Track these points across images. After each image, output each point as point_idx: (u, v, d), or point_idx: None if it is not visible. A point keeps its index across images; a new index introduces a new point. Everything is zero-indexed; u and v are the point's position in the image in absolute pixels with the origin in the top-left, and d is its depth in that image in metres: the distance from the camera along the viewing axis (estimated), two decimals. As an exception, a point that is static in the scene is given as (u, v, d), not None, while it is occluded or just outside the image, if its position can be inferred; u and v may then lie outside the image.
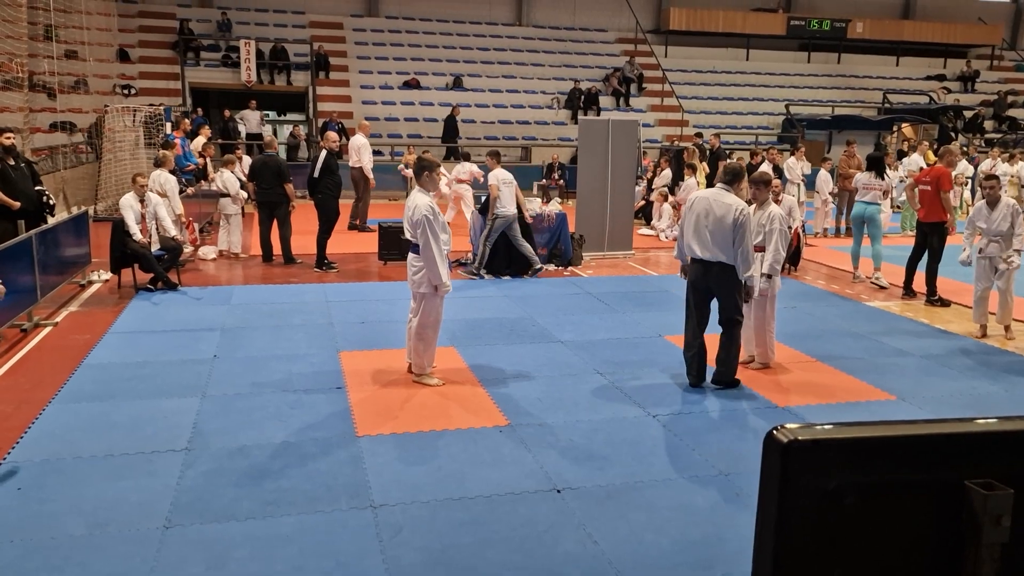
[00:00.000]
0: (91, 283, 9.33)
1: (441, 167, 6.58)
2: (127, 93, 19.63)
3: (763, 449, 1.07)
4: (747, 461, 4.71)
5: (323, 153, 10.53)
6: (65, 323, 7.68)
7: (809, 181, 14.38)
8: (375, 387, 5.97)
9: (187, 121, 15.42)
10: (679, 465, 4.74)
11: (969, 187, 16.86)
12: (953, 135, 23.71)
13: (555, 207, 11.46)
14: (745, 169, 6.76)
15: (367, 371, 6.30)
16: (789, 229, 6.87)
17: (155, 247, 9.04)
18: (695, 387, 6.04)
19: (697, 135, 18.01)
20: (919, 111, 24.77)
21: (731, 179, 5.98)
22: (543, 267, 10.31)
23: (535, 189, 18.00)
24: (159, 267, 8.89)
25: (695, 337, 6.04)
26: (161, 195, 9.54)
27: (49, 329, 7.44)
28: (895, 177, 14.15)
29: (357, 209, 14.00)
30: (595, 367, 6.52)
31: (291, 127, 21.44)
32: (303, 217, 11.32)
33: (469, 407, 5.59)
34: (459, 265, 10.37)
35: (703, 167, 14.95)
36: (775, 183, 7.86)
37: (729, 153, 16.70)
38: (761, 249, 6.38)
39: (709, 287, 5.94)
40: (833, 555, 1.08)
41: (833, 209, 14.43)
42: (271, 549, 3.70)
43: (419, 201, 5.85)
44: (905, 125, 23.22)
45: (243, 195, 11.19)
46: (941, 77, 28.19)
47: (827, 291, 9.78)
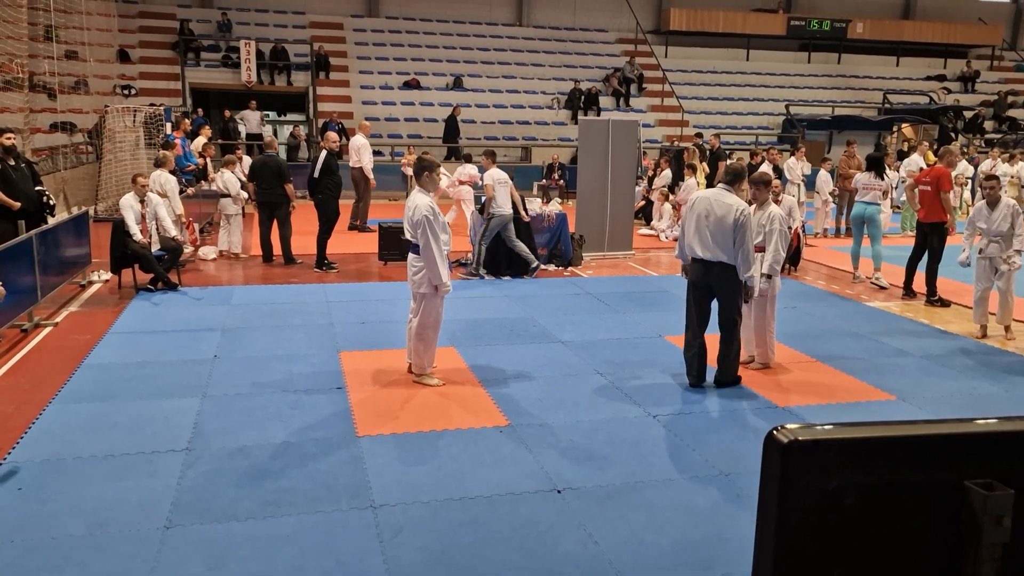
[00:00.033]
0: (91, 283, 9.34)
1: (441, 167, 6.58)
2: (127, 93, 19.63)
3: (763, 449, 1.07)
4: (747, 461, 4.72)
5: (323, 153, 10.53)
6: (65, 323, 7.69)
7: (809, 181, 14.38)
8: (375, 387, 5.97)
9: (187, 121, 15.42)
10: (679, 465, 4.75)
11: (969, 187, 16.86)
12: (953, 135, 23.71)
13: (555, 207, 11.45)
14: (746, 170, 6.76)
15: (367, 371, 6.30)
16: (789, 229, 6.87)
17: (155, 247, 9.05)
18: (695, 387, 6.05)
19: (697, 135, 18.01)
20: (919, 111, 24.78)
21: (732, 179, 5.99)
22: (540, 265, 10.30)
23: (535, 189, 17.99)
24: (159, 267, 8.89)
25: (695, 337, 6.05)
26: (161, 195, 9.55)
27: (49, 329, 7.44)
28: (895, 177, 14.14)
29: (357, 209, 14.01)
30: (595, 367, 6.52)
31: (291, 127, 21.44)
32: (303, 217, 11.33)
33: (469, 407, 5.59)
34: (459, 265, 10.37)
35: (703, 167, 14.96)
36: (775, 183, 7.86)
37: (729, 153, 16.69)
38: (761, 249, 6.39)
39: (710, 287, 5.95)
40: (833, 555, 1.08)
41: (833, 209, 14.43)
42: (271, 549, 3.71)
43: (419, 201, 5.85)
44: (905, 125, 23.22)
45: (244, 195, 11.20)
46: (941, 77, 28.20)
47: (827, 291, 9.78)
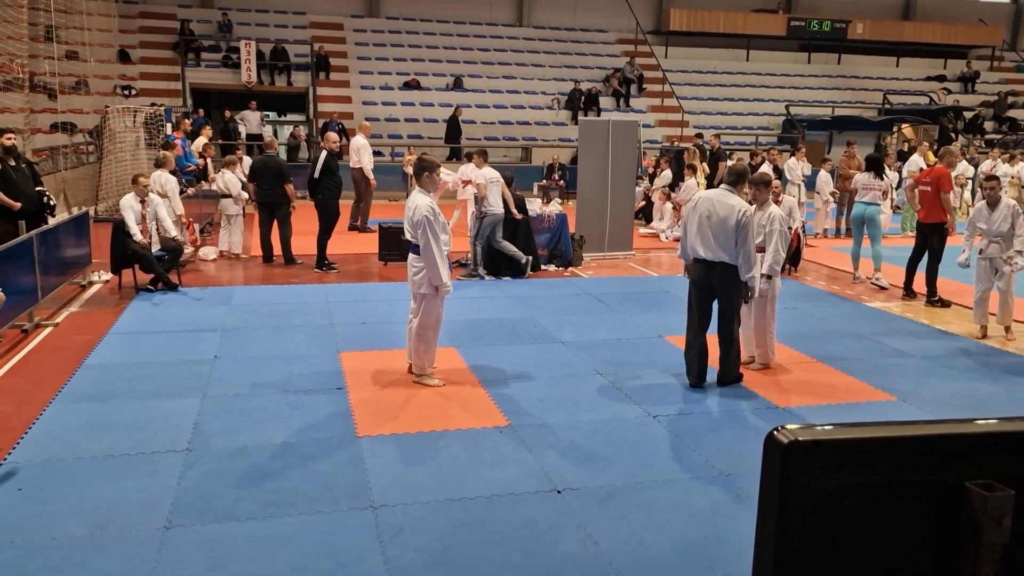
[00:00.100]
0: (92, 284, 9.33)
1: (442, 167, 6.58)
2: (128, 94, 19.64)
3: (764, 450, 1.07)
4: (748, 462, 4.71)
5: (323, 154, 10.54)
6: (66, 324, 7.69)
7: (809, 182, 14.38)
8: (375, 388, 5.97)
9: (187, 122, 15.43)
10: (680, 466, 4.75)
11: (969, 188, 16.86)
12: (953, 136, 23.71)
13: (555, 208, 11.45)
14: (749, 170, 6.75)
15: (367, 372, 6.30)
16: (789, 230, 6.87)
17: (155, 248, 9.05)
18: (696, 387, 6.05)
19: (697, 136, 18.00)
20: (919, 112, 24.78)
21: (735, 180, 5.99)
22: (530, 259, 10.21)
23: (535, 190, 17.99)
24: (159, 268, 8.89)
25: (696, 337, 6.05)
26: (162, 196, 9.55)
27: (50, 330, 7.44)
28: (895, 178, 14.14)
29: (357, 210, 14.01)
30: (596, 368, 6.52)
31: (291, 128, 21.44)
32: (303, 218, 11.33)
33: (470, 408, 5.59)
34: (459, 266, 10.37)
35: (703, 168, 14.96)
36: (775, 184, 7.87)
37: (729, 154, 16.69)
38: (761, 250, 6.39)
39: (712, 287, 5.95)
40: (833, 556, 1.08)
41: (833, 210, 14.42)
42: (272, 550, 3.71)
43: (419, 202, 5.85)
44: (905, 126, 23.22)
45: (244, 196, 11.20)
46: (941, 78, 28.20)
47: (827, 292, 9.78)
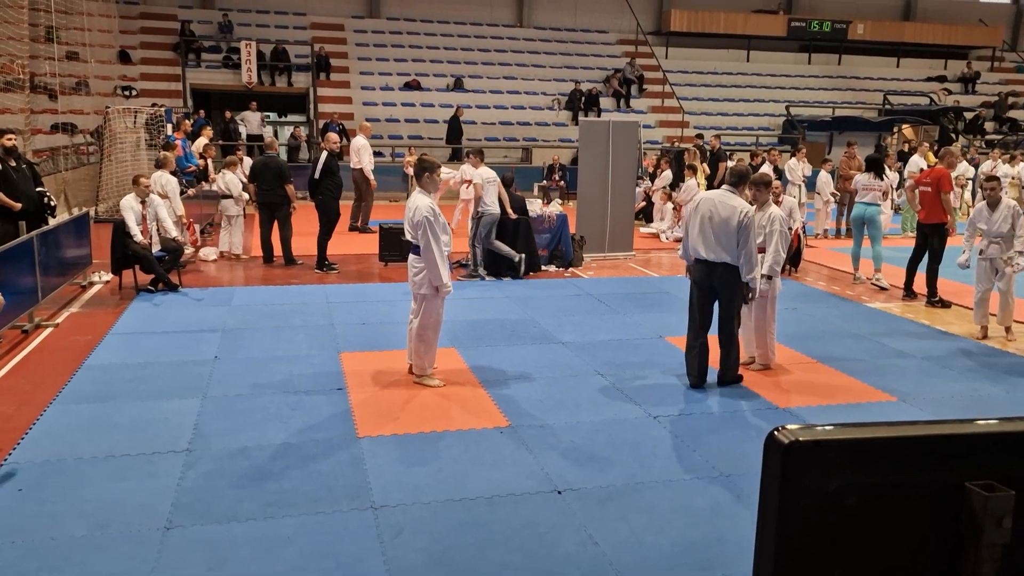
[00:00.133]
0: (92, 284, 9.33)
1: (442, 168, 6.59)
2: (128, 95, 19.65)
3: (764, 450, 1.07)
4: (748, 462, 4.71)
5: (324, 154, 10.54)
6: (66, 324, 7.69)
7: (810, 182, 14.38)
8: (376, 388, 5.97)
9: (188, 122, 15.43)
10: (680, 466, 4.75)
11: (970, 189, 16.86)
12: (954, 136, 23.70)
13: (556, 208, 11.45)
14: (751, 171, 6.75)
15: (368, 372, 6.30)
16: (789, 230, 6.87)
17: (156, 248, 9.05)
18: (696, 388, 6.05)
19: (698, 136, 18.00)
20: (920, 112, 24.78)
21: (737, 181, 5.99)
22: (523, 257, 10.18)
23: (536, 190, 17.99)
24: (160, 268, 8.89)
25: (697, 337, 6.06)
26: (162, 196, 9.55)
27: (50, 330, 7.44)
28: (895, 178, 14.13)
29: (358, 210, 14.01)
30: (596, 368, 6.52)
31: (292, 128, 21.46)
32: (304, 218, 11.33)
33: (470, 408, 5.59)
34: (459, 267, 10.37)
35: (703, 168, 14.95)
36: (775, 184, 7.86)
37: (730, 154, 16.69)
38: (761, 250, 6.39)
39: (713, 287, 5.96)
40: (834, 556, 1.08)
41: (833, 210, 14.42)
42: (272, 550, 3.71)
43: (420, 202, 5.85)
44: (906, 126, 23.21)
45: (245, 196, 11.20)
46: (942, 78, 28.20)
47: (828, 292, 9.77)
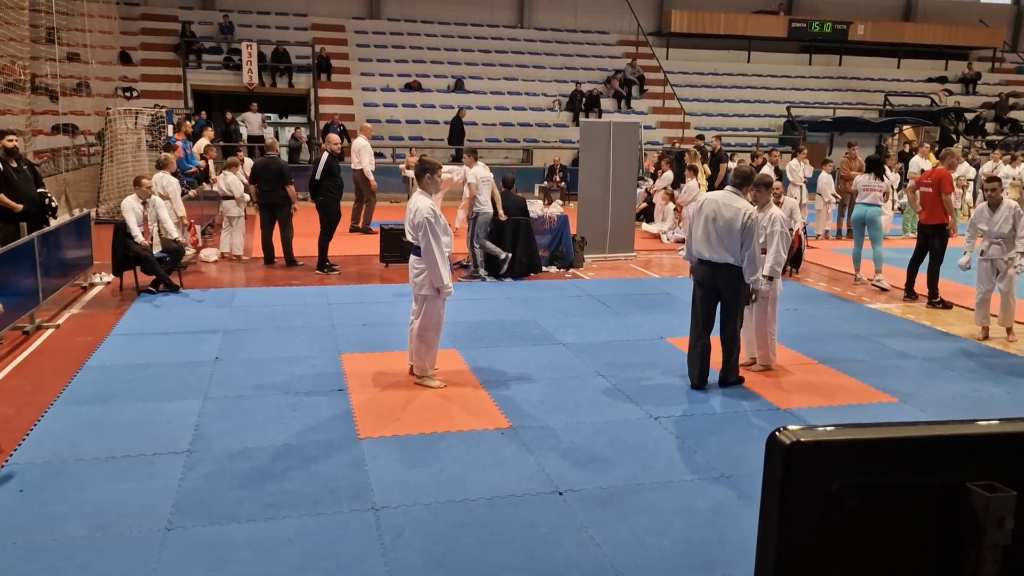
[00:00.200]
0: (93, 285, 9.34)
1: (443, 168, 6.60)
2: (129, 96, 19.66)
3: (765, 451, 1.07)
4: (749, 463, 4.71)
5: (325, 155, 10.54)
6: (67, 325, 7.69)
7: (810, 183, 14.38)
8: (377, 389, 5.97)
9: (189, 124, 15.45)
10: (681, 467, 4.74)
11: (970, 189, 16.85)
12: (954, 137, 23.69)
13: (556, 209, 11.46)
14: (754, 173, 6.75)
15: (368, 373, 6.30)
16: (790, 231, 6.87)
17: (157, 249, 9.05)
18: (697, 389, 6.05)
19: (698, 137, 17.99)
20: (920, 113, 24.77)
21: (740, 182, 5.99)
22: (509, 255, 10.19)
23: (536, 191, 17.99)
24: (161, 269, 8.89)
25: (699, 338, 6.06)
26: (163, 197, 9.55)
27: (51, 331, 7.44)
28: (896, 178, 14.13)
29: (359, 211, 14.01)
30: (597, 369, 6.52)
31: (293, 129, 21.47)
32: (304, 219, 11.33)
33: (471, 409, 5.59)
34: (460, 268, 10.37)
35: (704, 169, 14.94)
36: (776, 185, 7.85)
37: (730, 155, 16.69)
38: (763, 251, 6.39)
39: (716, 288, 5.96)
40: (835, 556, 1.08)
41: (834, 211, 14.42)
42: (273, 551, 3.70)
43: (420, 203, 5.85)
44: (906, 127, 23.21)
45: (246, 197, 11.21)
46: (942, 79, 28.20)
47: (828, 293, 9.77)
